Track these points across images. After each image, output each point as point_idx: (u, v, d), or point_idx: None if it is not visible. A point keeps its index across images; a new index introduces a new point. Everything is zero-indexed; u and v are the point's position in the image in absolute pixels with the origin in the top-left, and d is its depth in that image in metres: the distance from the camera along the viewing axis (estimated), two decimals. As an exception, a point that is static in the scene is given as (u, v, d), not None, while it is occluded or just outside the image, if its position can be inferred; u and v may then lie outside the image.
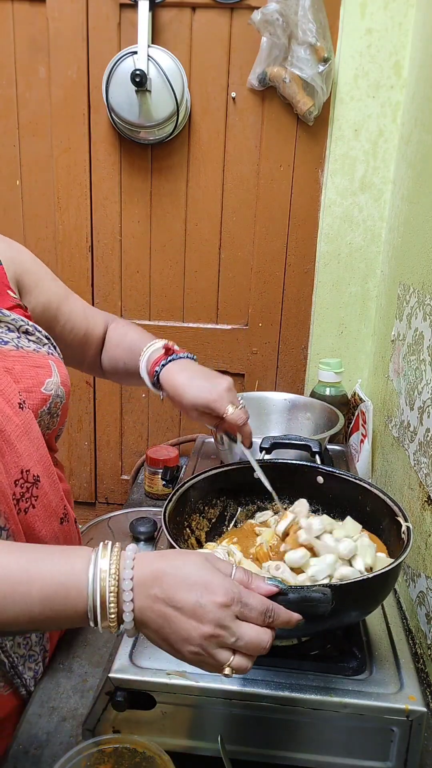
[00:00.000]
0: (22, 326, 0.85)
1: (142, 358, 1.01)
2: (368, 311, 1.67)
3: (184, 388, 0.94)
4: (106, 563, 0.60)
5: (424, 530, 1.05)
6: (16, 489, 0.77)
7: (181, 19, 1.50)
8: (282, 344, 1.73)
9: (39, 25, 1.53)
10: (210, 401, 0.93)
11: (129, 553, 0.61)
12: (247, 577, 0.63)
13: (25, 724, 0.82)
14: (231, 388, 0.95)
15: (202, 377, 0.96)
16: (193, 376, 0.95)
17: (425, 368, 1.12)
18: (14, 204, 1.68)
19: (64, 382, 0.87)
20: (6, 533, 0.75)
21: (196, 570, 0.60)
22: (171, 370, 0.97)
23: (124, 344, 1.07)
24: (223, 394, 0.93)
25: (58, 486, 0.86)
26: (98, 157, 1.62)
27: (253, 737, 0.75)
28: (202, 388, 0.93)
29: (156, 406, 1.82)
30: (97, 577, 0.59)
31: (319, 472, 0.98)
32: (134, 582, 0.59)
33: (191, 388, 0.94)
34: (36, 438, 0.80)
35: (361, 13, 1.45)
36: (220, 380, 0.95)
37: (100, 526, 1.43)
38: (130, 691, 0.73)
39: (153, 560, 0.61)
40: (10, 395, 0.77)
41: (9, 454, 0.76)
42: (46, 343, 0.89)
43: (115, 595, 0.59)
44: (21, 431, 0.77)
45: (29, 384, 0.81)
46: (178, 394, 0.95)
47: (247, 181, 1.61)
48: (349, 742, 0.74)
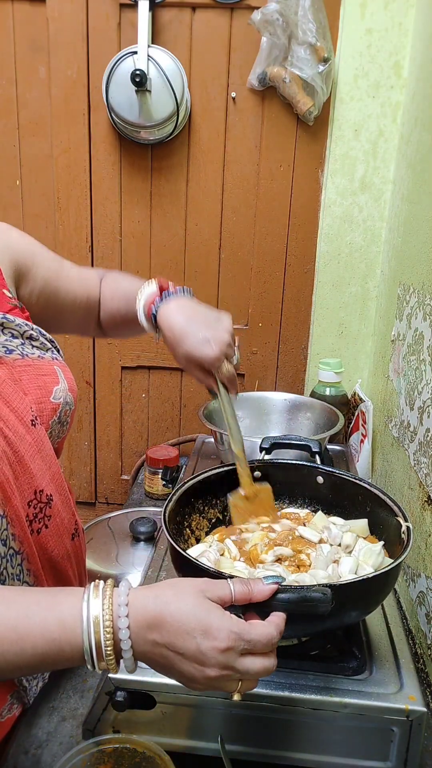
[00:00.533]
0: (26, 332, 0.83)
1: (139, 302, 0.94)
2: (368, 311, 1.67)
3: (180, 336, 0.87)
4: (98, 609, 0.58)
5: (424, 530, 1.05)
6: (30, 510, 0.75)
7: (181, 19, 1.50)
8: (282, 344, 1.73)
9: (39, 25, 1.53)
10: (204, 359, 0.87)
11: (122, 598, 0.58)
12: (247, 587, 0.62)
13: (25, 724, 0.82)
14: (230, 342, 0.89)
15: (200, 321, 0.88)
16: (190, 321, 0.88)
17: (425, 368, 1.12)
18: (14, 204, 1.68)
19: (71, 387, 0.85)
20: (21, 557, 0.74)
21: (193, 613, 0.57)
22: (168, 310, 0.90)
23: (119, 294, 1.01)
24: (221, 350, 0.87)
25: (69, 502, 0.84)
26: (98, 157, 1.62)
27: (253, 737, 0.75)
28: (198, 341, 0.86)
29: (156, 406, 1.82)
30: (91, 630, 0.57)
31: (319, 472, 0.98)
32: (131, 630, 0.57)
33: (187, 336, 0.87)
34: (48, 455, 0.79)
35: (361, 13, 1.45)
36: (219, 330, 0.88)
37: (100, 526, 1.43)
38: (130, 691, 0.73)
39: (147, 602, 0.58)
40: (23, 412, 0.75)
41: (22, 476, 0.74)
42: (50, 348, 0.86)
43: (112, 643, 0.57)
44: (34, 450, 0.76)
45: (38, 395, 0.79)
46: (173, 340, 0.88)
47: (247, 181, 1.61)
48: (349, 742, 0.74)
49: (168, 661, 0.58)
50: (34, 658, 0.57)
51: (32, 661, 0.58)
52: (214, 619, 0.57)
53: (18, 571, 0.74)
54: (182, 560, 0.75)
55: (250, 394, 1.55)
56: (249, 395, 1.55)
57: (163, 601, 0.59)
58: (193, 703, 0.75)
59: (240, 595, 0.61)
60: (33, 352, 0.82)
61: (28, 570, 0.76)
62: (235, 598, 0.61)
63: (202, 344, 0.86)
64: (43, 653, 0.57)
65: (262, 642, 0.58)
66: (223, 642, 0.56)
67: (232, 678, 0.58)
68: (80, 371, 1.78)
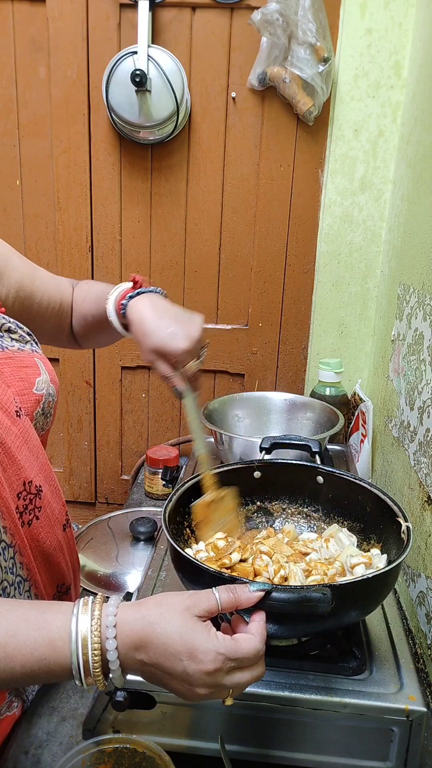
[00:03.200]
0: (4, 324, 0.82)
1: (110, 297, 0.92)
2: (368, 311, 1.67)
3: (150, 327, 0.86)
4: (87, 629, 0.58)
5: (424, 530, 1.05)
6: (19, 502, 0.75)
7: (181, 19, 1.50)
8: (282, 344, 1.73)
9: (39, 25, 1.53)
10: (172, 351, 0.85)
11: (110, 618, 0.59)
12: (234, 594, 0.62)
13: (25, 724, 0.82)
14: (199, 338, 0.87)
15: (171, 318, 0.87)
16: (161, 315, 0.87)
17: (425, 368, 1.12)
18: (14, 204, 1.68)
19: (53, 379, 0.85)
20: (13, 550, 0.74)
21: (178, 634, 0.58)
22: (139, 304, 0.89)
23: (90, 297, 0.99)
24: (191, 345, 0.85)
25: (59, 493, 0.84)
26: (98, 157, 1.62)
27: (253, 737, 0.75)
28: (166, 334, 0.85)
29: (156, 406, 1.82)
30: (80, 651, 0.58)
31: (319, 472, 0.98)
32: (119, 651, 0.58)
33: (157, 329, 0.85)
34: (35, 446, 0.79)
35: (361, 13, 1.45)
36: (190, 326, 0.87)
37: (100, 526, 1.43)
38: (130, 691, 0.73)
39: (134, 622, 0.59)
40: (7, 403, 0.75)
41: (10, 467, 0.74)
42: (29, 340, 0.86)
43: (100, 662, 0.58)
44: (20, 441, 0.76)
45: (21, 387, 0.78)
46: (142, 332, 0.87)
47: (247, 181, 1.61)
48: (349, 742, 0.74)
49: (157, 678, 0.60)
50: (23, 675, 0.58)
51: (21, 678, 0.58)
52: (200, 641, 0.58)
53: (11, 564, 0.74)
54: (182, 560, 0.75)
55: (250, 394, 1.55)
56: (249, 395, 1.55)
57: (149, 621, 0.59)
58: (193, 703, 0.75)
59: (226, 604, 0.61)
60: (12, 345, 0.82)
61: (20, 563, 0.76)
62: (221, 607, 0.61)
63: (172, 337, 0.85)
64: (31, 671, 0.58)
65: (248, 658, 0.59)
66: (209, 665, 0.57)
67: (221, 693, 0.59)
68: (80, 371, 1.78)
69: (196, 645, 0.57)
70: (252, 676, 0.60)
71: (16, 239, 1.71)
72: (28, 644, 0.58)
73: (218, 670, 0.57)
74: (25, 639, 0.58)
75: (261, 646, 0.60)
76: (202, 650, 0.57)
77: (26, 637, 0.58)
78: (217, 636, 0.59)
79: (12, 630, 0.58)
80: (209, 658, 0.57)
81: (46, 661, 0.58)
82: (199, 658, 0.57)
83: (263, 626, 0.62)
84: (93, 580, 1.22)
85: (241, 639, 0.60)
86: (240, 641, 0.59)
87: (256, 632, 0.61)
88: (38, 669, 0.58)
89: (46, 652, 0.58)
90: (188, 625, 0.58)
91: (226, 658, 0.57)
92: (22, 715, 0.82)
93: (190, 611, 0.60)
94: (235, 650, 0.58)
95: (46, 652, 0.58)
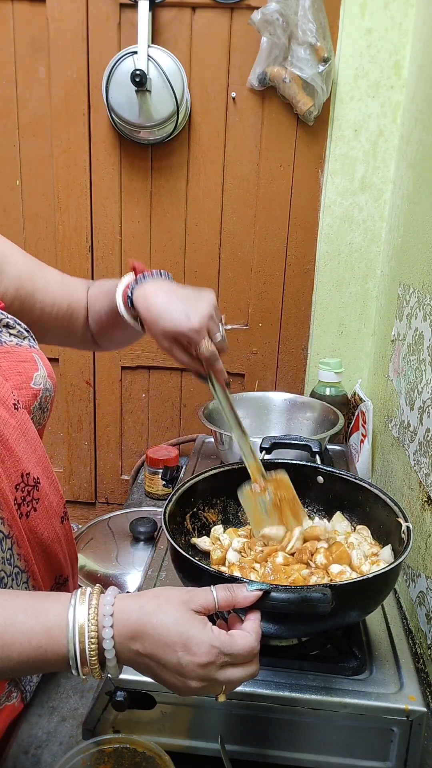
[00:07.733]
0: (2, 319, 0.82)
1: (117, 292, 0.89)
2: (368, 311, 1.67)
3: (158, 312, 0.82)
4: (84, 618, 0.59)
5: (424, 530, 1.05)
6: (17, 494, 0.76)
7: (181, 19, 1.50)
8: (282, 344, 1.73)
9: (39, 25, 1.53)
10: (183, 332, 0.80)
11: (107, 608, 0.59)
12: (231, 593, 0.62)
13: (25, 724, 0.82)
14: (212, 315, 0.82)
15: (180, 298, 0.83)
16: (170, 299, 0.82)
17: (425, 368, 1.12)
18: (14, 204, 1.68)
19: (50, 374, 0.85)
20: (10, 541, 0.74)
21: (174, 626, 0.58)
22: (146, 290, 0.84)
23: (102, 294, 0.96)
24: (202, 323, 0.80)
25: (57, 485, 0.85)
26: (98, 157, 1.62)
27: (253, 737, 0.75)
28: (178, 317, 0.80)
29: (156, 406, 1.82)
30: (76, 639, 0.58)
31: (319, 472, 0.98)
32: (115, 640, 0.59)
33: (165, 311, 0.81)
34: (33, 438, 0.79)
35: (361, 13, 1.45)
36: (200, 304, 0.82)
37: (100, 526, 1.43)
38: (130, 691, 0.73)
39: (131, 612, 0.59)
40: (5, 396, 0.75)
41: (8, 459, 0.74)
42: (27, 336, 0.85)
43: (96, 652, 0.58)
44: (18, 433, 0.76)
45: (18, 381, 0.78)
46: (151, 319, 0.82)
47: (247, 181, 1.61)
48: (349, 742, 0.74)
49: (152, 670, 0.60)
50: (20, 664, 0.58)
51: (18, 666, 0.59)
52: (195, 633, 0.58)
53: (8, 556, 0.74)
54: (182, 560, 0.75)
55: (250, 394, 1.55)
56: (249, 395, 1.55)
57: (146, 612, 0.59)
58: (193, 703, 0.75)
59: (223, 602, 0.62)
60: (11, 340, 0.82)
61: (18, 554, 0.76)
62: (218, 605, 0.62)
63: (182, 317, 0.80)
64: (28, 659, 0.58)
65: (242, 654, 0.59)
66: (202, 657, 0.57)
67: (215, 690, 0.60)
68: (80, 371, 1.78)
69: (191, 636, 0.58)
70: (245, 674, 0.60)
71: (16, 239, 1.69)
72: (26, 632, 0.58)
73: (211, 663, 0.58)
74: (23, 627, 0.58)
75: (255, 644, 0.60)
76: (196, 642, 0.58)
77: (23, 625, 0.59)
78: (213, 630, 0.59)
79: (10, 618, 0.59)
80: (203, 651, 0.57)
81: (43, 649, 0.58)
82: (193, 650, 0.57)
83: (258, 625, 0.62)
84: (93, 579, 1.22)
85: (236, 635, 0.60)
86: (235, 637, 0.60)
87: (252, 630, 0.61)
88: (35, 657, 0.58)
89: (43, 641, 0.58)
90: (185, 617, 0.59)
91: (220, 652, 0.58)
92: (22, 714, 0.82)
93: (187, 605, 0.60)
94: (229, 645, 0.59)
95: (43, 641, 0.58)
